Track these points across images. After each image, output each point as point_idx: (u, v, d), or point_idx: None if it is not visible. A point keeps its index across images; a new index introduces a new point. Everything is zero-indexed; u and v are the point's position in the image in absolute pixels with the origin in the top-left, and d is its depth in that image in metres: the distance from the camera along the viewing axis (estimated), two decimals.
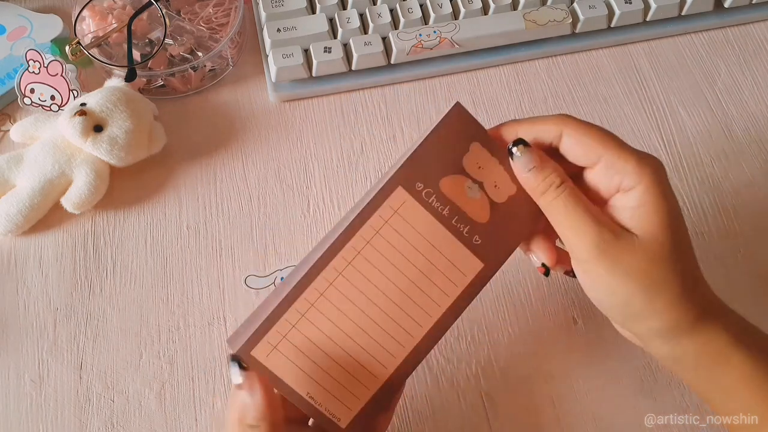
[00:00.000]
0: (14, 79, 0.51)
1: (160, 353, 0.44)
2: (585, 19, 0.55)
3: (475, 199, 0.37)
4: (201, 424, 0.42)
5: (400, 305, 0.36)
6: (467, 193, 0.37)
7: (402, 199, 0.36)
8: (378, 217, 0.36)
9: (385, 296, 0.36)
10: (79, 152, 0.48)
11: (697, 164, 0.51)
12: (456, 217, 0.36)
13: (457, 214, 0.36)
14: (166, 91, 0.54)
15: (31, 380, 0.44)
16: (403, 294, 0.36)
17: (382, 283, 0.36)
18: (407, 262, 0.36)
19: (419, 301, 0.36)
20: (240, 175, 0.51)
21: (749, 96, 0.54)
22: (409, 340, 0.36)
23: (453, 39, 0.53)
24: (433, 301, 0.36)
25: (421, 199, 0.36)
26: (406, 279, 0.36)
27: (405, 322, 0.36)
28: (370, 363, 0.35)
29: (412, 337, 0.36)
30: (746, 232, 0.49)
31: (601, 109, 0.54)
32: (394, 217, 0.36)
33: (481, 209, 0.37)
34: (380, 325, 0.36)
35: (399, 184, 0.36)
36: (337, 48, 0.52)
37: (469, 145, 0.37)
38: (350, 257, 0.35)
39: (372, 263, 0.36)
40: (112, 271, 0.47)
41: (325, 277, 0.35)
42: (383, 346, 0.36)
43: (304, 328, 0.34)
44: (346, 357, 0.35)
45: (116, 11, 0.53)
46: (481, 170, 0.37)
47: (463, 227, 0.37)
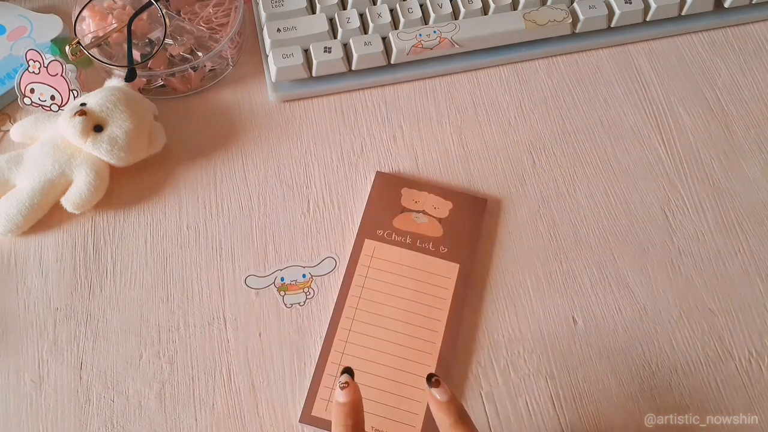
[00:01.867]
0: (14, 79, 0.51)
1: (160, 353, 0.44)
2: (585, 19, 0.55)
3: (425, 223, 0.47)
4: (201, 424, 0.42)
5: (411, 322, 0.44)
6: (416, 221, 0.47)
7: (372, 246, 0.47)
8: (361, 266, 0.46)
9: (395, 320, 0.44)
10: (79, 152, 0.48)
11: (697, 164, 0.51)
12: (417, 240, 0.47)
13: (418, 237, 0.47)
14: (166, 91, 0.54)
15: (31, 380, 0.44)
16: (409, 313, 0.44)
17: (388, 312, 0.44)
18: (401, 289, 0.45)
19: (424, 312, 0.44)
20: (240, 175, 0.51)
21: (749, 96, 0.54)
22: (433, 346, 0.43)
23: (453, 39, 0.53)
24: (436, 308, 0.44)
25: (385, 239, 0.47)
26: (406, 301, 0.45)
27: (421, 333, 0.44)
28: (411, 378, 0.42)
29: (433, 343, 0.43)
30: (746, 232, 0.49)
31: (601, 109, 0.54)
32: (373, 261, 0.46)
33: (432, 228, 0.47)
34: (403, 344, 0.43)
35: (365, 237, 0.47)
36: (337, 48, 0.52)
37: (400, 191, 0.49)
38: (354, 303, 0.45)
39: (374, 301, 0.45)
40: (112, 271, 0.47)
41: (342, 327, 0.44)
42: (415, 361, 0.43)
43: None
44: (389, 384, 0.42)
45: (116, 11, 0.53)
46: (418, 203, 0.48)
47: (427, 245, 0.47)
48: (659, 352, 0.45)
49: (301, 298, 0.46)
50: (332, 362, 0.43)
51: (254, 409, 0.43)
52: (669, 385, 0.43)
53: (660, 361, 0.44)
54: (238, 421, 0.42)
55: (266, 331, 0.45)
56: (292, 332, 0.45)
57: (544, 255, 0.48)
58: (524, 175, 0.51)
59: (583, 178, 0.51)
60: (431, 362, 0.43)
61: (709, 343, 0.45)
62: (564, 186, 0.50)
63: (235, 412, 0.43)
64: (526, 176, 0.51)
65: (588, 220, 0.49)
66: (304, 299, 0.46)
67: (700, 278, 0.47)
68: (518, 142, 0.52)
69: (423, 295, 0.45)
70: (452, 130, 0.53)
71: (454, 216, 0.47)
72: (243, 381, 0.44)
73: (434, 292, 0.45)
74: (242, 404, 0.43)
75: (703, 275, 0.47)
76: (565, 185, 0.50)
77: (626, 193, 0.50)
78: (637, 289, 0.46)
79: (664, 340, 0.45)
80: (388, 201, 0.48)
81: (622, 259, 0.48)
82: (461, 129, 0.53)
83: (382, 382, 0.42)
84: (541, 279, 0.47)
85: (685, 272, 0.47)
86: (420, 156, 0.51)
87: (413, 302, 0.45)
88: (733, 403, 0.43)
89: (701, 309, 0.46)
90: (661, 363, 0.44)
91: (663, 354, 0.44)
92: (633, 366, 0.44)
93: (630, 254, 0.48)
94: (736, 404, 0.43)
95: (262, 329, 0.45)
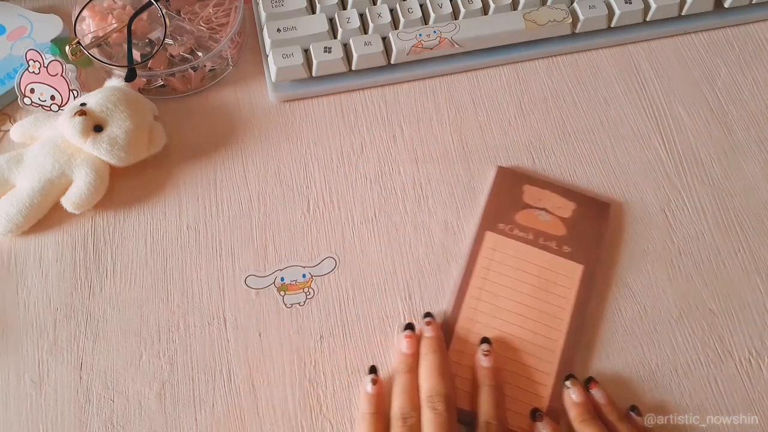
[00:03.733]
0: (14, 79, 0.51)
1: (160, 353, 0.44)
2: (585, 19, 0.55)
3: (547, 221, 0.47)
4: (201, 424, 0.42)
5: (532, 317, 0.44)
6: (539, 218, 0.47)
7: (494, 238, 0.47)
8: (483, 257, 0.46)
9: (516, 314, 0.44)
10: (79, 152, 0.48)
11: (697, 164, 0.51)
12: (540, 237, 0.47)
13: (540, 235, 0.47)
14: (166, 91, 0.54)
15: (31, 380, 0.44)
16: (530, 308, 0.44)
17: (509, 305, 0.45)
18: (522, 284, 0.45)
19: (546, 309, 0.44)
20: (240, 175, 0.51)
21: (749, 96, 0.54)
22: (555, 343, 0.44)
23: (453, 39, 0.53)
24: (558, 307, 0.45)
25: (507, 233, 0.47)
26: (527, 297, 0.45)
27: (543, 330, 0.44)
28: (532, 372, 0.43)
29: (556, 341, 0.44)
30: (746, 232, 0.49)
31: (601, 109, 0.54)
32: (496, 254, 0.46)
33: (555, 227, 0.47)
34: (525, 338, 0.44)
35: (486, 230, 0.47)
36: (337, 48, 0.52)
37: (522, 187, 0.49)
38: (477, 294, 0.45)
39: (496, 293, 0.45)
40: (112, 271, 0.47)
41: (464, 316, 0.44)
42: (538, 357, 0.43)
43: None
44: (507, 376, 0.43)
45: (116, 11, 0.53)
46: (541, 200, 0.48)
47: (550, 243, 0.46)
48: (659, 352, 0.45)
49: (301, 298, 0.46)
50: (456, 361, 0.43)
51: (254, 409, 0.43)
52: (669, 385, 0.43)
53: (660, 361, 0.44)
54: (238, 421, 0.42)
55: (266, 331, 0.45)
56: (292, 332, 0.45)
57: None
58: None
59: (583, 178, 0.51)
60: (553, 359, 0.43)
61: (709, 343, 0.45)
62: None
63: (235, 412, 0.43)
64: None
65: None
66: (304, 299, 0.46)
67: (700, 278, 0.47)
68: (518, 142, 0.52)
69: (545, 293, 0.45)
70: (452, 130, 0.53)
71: (577, 217, 0.47)
72: (243, 381, 0.44)
73: (556, 290, 0.45)
74: (242, 404, 0.43)
75: (703, 275, 0.47)
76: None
77: (626, 193, 0.50)
78: (637, 289, 0.46)
79: (664, 340, 0.45)
80: (509, 196, 0.48)
81: (622, 259, 0.48)
82: (461, 129, 0.53)
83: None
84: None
85: (685, 272, 0.47)
86: (420, 156, 0.51)
87: (534, 298, 0.45)
88: (733, 403, 0.43)
89: (701, 309, 0.46)
90: (661, 363, 0.44)
91: (663, 354, 0.44)
92: (633, 366, 0.44)
93: (630, 254, 0.48)
94: (736, 404, 0.43)
95: (262, 329, 0.45)
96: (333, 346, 0.45)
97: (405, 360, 0.42)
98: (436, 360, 0.41)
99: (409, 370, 0.42)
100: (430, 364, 0.41)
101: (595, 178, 0.51)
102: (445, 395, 0.40)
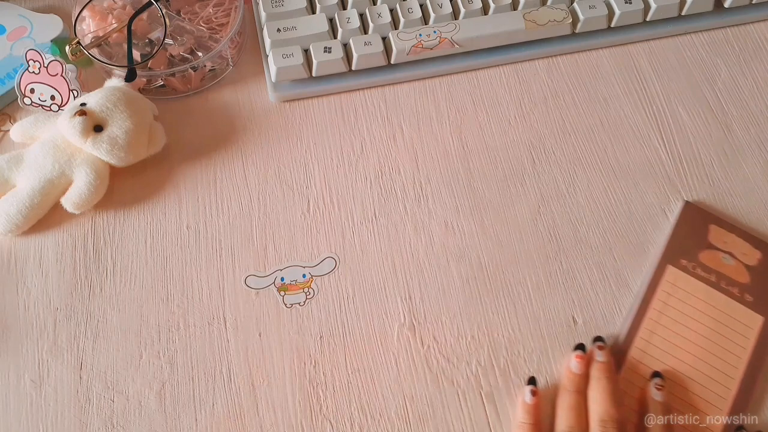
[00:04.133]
0: (14, 79, 0.51)
1: (160, 353, 0.44)
2: (585, 19, 0.55)
3: (731, 266, 0.46)
4: (201, 424, 0.42)
5: (705, 360, 0.43)
6: (723, 261, 0.46)
7: (675, 274, 0.46)
8: (662, 291, 0.45)
9: (688, 354, 0.43)
10: (79, 152, 0.48)
11: (697, 164, 0.51)
12: (723, 281, 0.45)
13: (723, 279, 0.45)
14: (166, 91, 0.54)
15: (31, 380, 0.44)
16: (704, 351, 0.43)
17: (683, 344, 0.44)
18: (699, 324, 0.44)
19: (720, 354, 0.43)
20: (240, 175, 0.51)
21: (749, 96, 0.54)
22: (727, 392, 0.43)
23: (453, 39, 0.53)
24: (733, 354, 0.44)
25: (689, 271, 0.46)
26: (702, 338, 0.44)
27: (715, 374, 0.43)
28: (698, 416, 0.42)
29: (728, 389, 0.43)
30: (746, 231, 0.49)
31: (601, 109, 0.54)
32: (676, 290, 0.45)
33: (739, 273, 0.46)
34: (695, 380, 0.43)
35: (667, 263, 0.46)
36: (337, 48, 0.52)
37: (708, 226, 0.47)
38: (651, 327, 0.44)
39: (671, 329, 0.44)
40: (112, 271, 0.47)
41: (636, 347, 0.44)
42: (707, 400, 0.42)
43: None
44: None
45: (116, 11, 0.53)
46: (726, 243, 0.47)
47: (733, 288, 0.45)
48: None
49: (301, 298, 0.46)
50: (623, 390, 0.43)
51: (254, 409, 0.43)
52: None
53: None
54: (238, 421, 0.42)
55: (266, 331, 0.45)
56: (292, 332, 0.45)
57: (544, 255, 0.48)
58: (524, 175, 0.51)
59: (583, 178, 0.51)
60: (723, 406, 0.42)
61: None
62: (564, 186, 0.50)
63: (235, 412, 0.43)
64: (526, 176, 0.51)
65: (588, 220, 0.49)
66: (304, 299, 0.46)
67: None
68: (518, 142, 0.52)
69: (721, 337, 0.44)
70: (452, 130, 0.53)
71: (762, 267, 0.46)
72: (243, 381, 0.44)
73: (733, 337, 0.44)
74: (242, 404, 0.43)
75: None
76: (565, 185, 0.50)
77: (626, 193, 0.50)
78: (637, 289, 0.46)
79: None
80: (694, 234, 0.47)
81: (622, 259, 0.48)
82: (461, 129, 0.53)
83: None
84: (542, 279, 0.47)
85: None
86: (420, 156, 0.51)
87: (710, 341, 0.44)
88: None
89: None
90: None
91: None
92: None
93: (630, 254, 0.48)
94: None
95: (262, 329, 0.45)
96: (333, 346, 0.45)
97: (574, 379, 0.42)
98: (610, 386, 0.41)
99: (577, 391, 0.42)
100: (605, 389, 0.41)
101: (595, 178, 0.50)
102: (618, 421, 0.40)
